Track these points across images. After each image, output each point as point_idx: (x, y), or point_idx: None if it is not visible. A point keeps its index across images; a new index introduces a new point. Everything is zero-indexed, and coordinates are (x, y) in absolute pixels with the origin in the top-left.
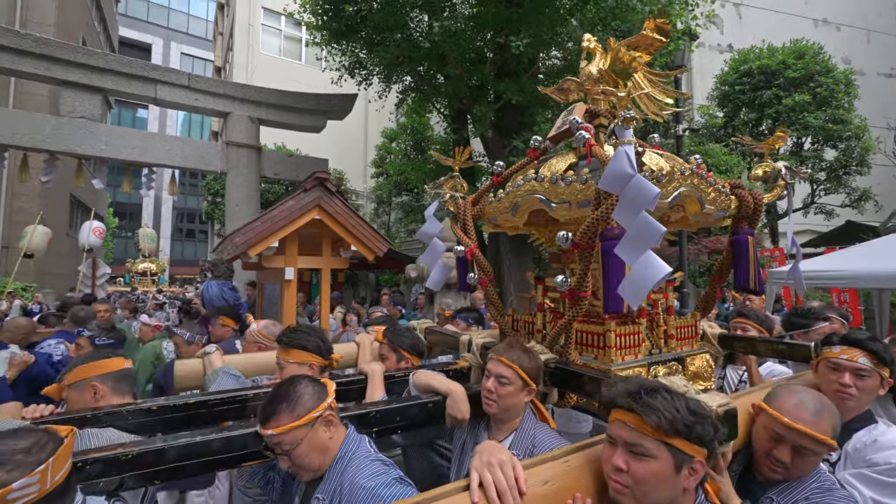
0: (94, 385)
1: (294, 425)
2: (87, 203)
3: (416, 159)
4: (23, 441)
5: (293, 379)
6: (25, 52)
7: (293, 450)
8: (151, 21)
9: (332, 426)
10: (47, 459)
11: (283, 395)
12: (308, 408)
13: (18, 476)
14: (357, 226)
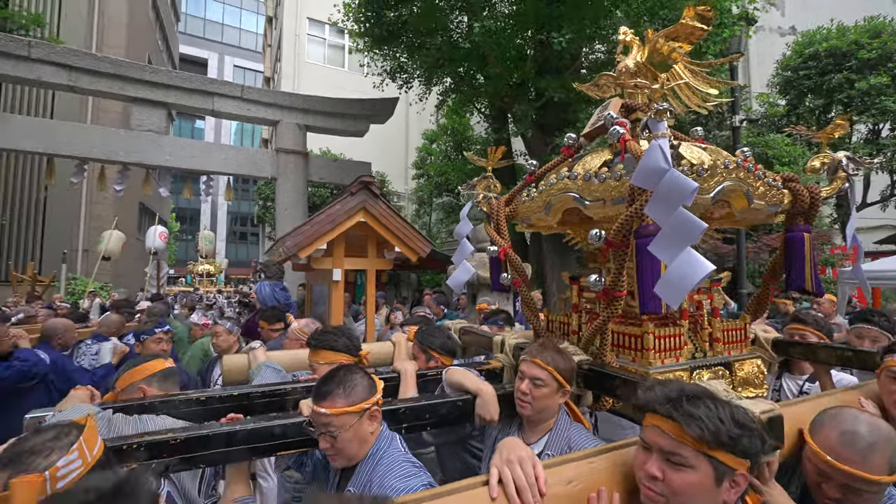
0: (142, 388)
1: (347, 410)
2: (153, 209)
3: (457, 160)
4: (48, 434)
5: (350, 367)
6: (101, 73)
7: (339, 434)
8: (207, 37)
9: (375, 421)
10: (77, 439)
11: (340, 380)
12: (361, 398)
13: (57, 458)
14: (400, 227)
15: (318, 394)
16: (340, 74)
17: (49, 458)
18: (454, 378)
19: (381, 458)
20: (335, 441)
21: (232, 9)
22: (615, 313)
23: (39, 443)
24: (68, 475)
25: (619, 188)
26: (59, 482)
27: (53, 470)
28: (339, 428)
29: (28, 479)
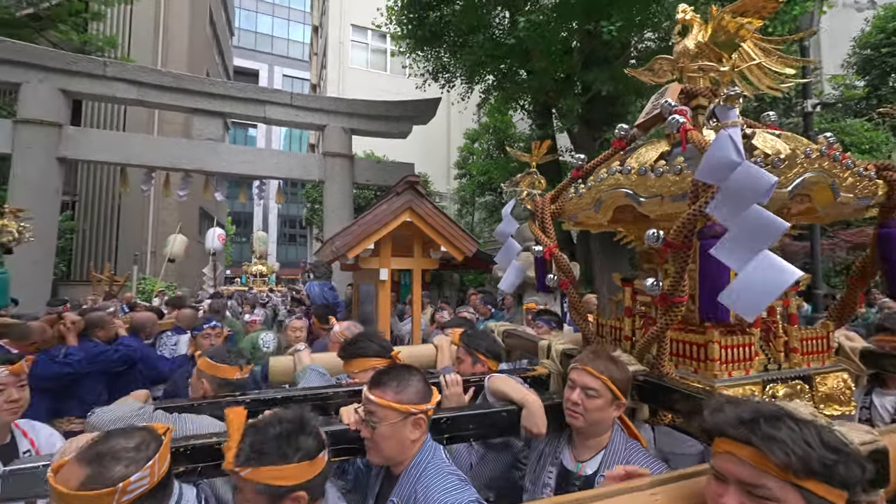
0: (204, 381)
1: (392, 405)
2: (211, 213)
3: (499, 158)
4: (132, 440)
5: (411, 369)
6: (166, 87)
7: (377, 425)
8: (258, 49)
9: (418, 430)
10: (154, 456)
11: (397, 376)
12: (410, 400)
13: (134, 471)
14: (446, 227)
15: (374, 381)
16: (383, 78)
17: (128, 468)
18: (497, 386)
19: (426, 469)
20: (373, 432)
21: (280, 21)
22: (674, 320)
23: (121, 449)
24: (135, 490)
25: (678, 183)
26: (125, 496)
27: (126, 483)
28: (381, 420)
29: (100, 493)
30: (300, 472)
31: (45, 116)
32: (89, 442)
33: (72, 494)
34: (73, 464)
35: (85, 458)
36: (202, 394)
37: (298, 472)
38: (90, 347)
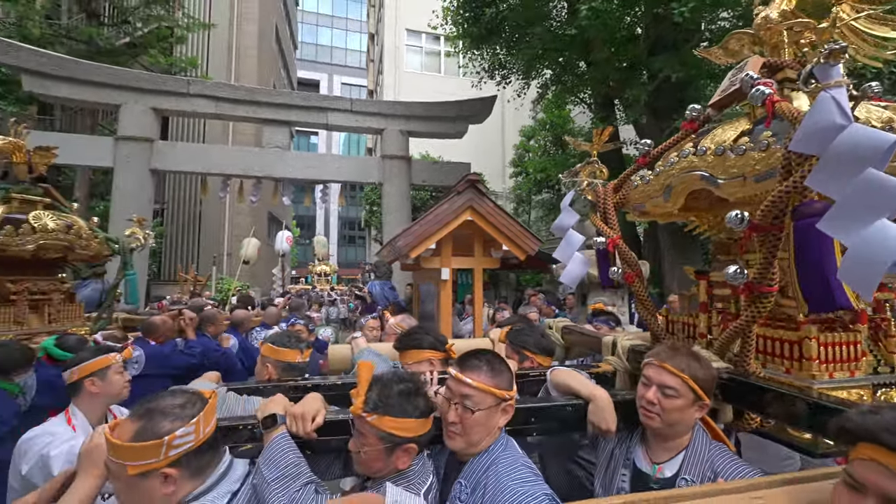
0: (268, 365)
1: (491, 389)
2: (278, 217)
3: (557, 155)
4: (178, 399)
5: (497, 354)
6: (239, 100)
7: (472, 411)
8: (318, 60)
9: (506, 417)
10: (198, 414)
11: (489, 360)
12: (503, 386)
13: (179, 426)
14: (508, 225)
15: (465, 364)
16: (437, 80)
17: (173, 423)
18: (561, 379)
19: (499, 458)
20: (467, 417)
21: (339, 31)
22: (762, 312)
23: (170, 405)
24: (181, 446)
25: (765, 160)
26: (171, 450)
27: (171, 437)
28: (477, 404)
29: (147, 445)
30: (416, 426)
31: (140, 133)
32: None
33: (124, 446)
34: (127, 420)
35: (136, 414)
36: (266, 378)
37: (414, 427)
38: (206, 342)
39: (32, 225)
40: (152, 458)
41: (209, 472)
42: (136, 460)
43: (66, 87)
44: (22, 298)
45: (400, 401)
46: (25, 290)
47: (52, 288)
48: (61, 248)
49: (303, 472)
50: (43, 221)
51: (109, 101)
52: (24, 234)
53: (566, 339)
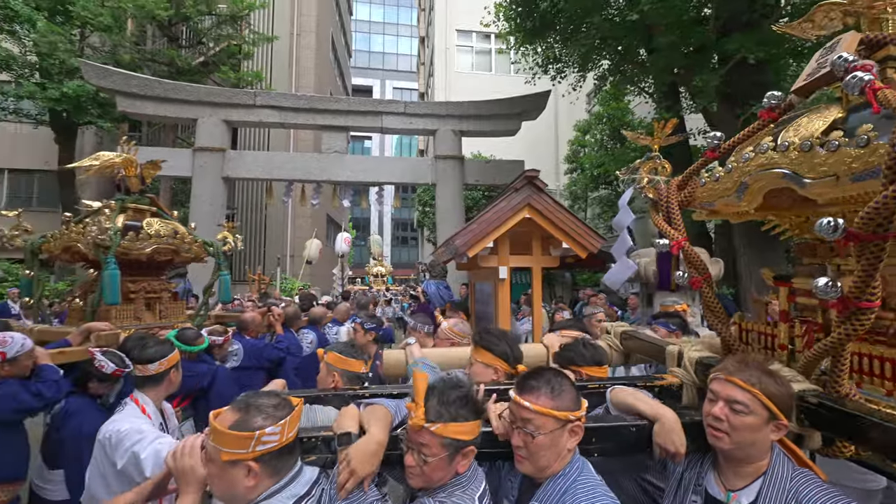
0: (335, 374)
1: (551, 412)
2: (336, 220)
3: (615, 149)
4: (273, 400)
5: (559, 372)
6: (300, 108)
7: (535, 435)
8: (371, 67)
9: (575, 438)
10: (286, 418)
11: (549, 380)
12: (567, 407)
13: (270, 424)
14: (568, 222)
15: (524, 386)
16: (488, 78)
17: (265, 420)
18: (623, 398)
19: (575, 482)
20: (529, 441)
21: (390, 37)
22: (859, 330)
23: (264, 404)
24: (267, 443)
25: (863, 158)
26: (259, 445)
27: (262, 433)
28: (538, 428)
29: (241, 435)
30: (475, 428)
31: (213, 144)
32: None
33: (224, 432)
34: (230, 410)
35: (237, 407)
36: (331, 385)
37: (474, 429)
38: (291, 337)
39: (147, 231)
40: (242, 448)
41: (284, 474)
42: (229, 447)
43: (151, 105)
44: (140, 297)
45: (459, 406)
46: (142, 290)
47: (162, 287)
48: (170, 251)
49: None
50: (155, 228)
51: (188, 115)
52: (143, 240)
53: (626, 346)
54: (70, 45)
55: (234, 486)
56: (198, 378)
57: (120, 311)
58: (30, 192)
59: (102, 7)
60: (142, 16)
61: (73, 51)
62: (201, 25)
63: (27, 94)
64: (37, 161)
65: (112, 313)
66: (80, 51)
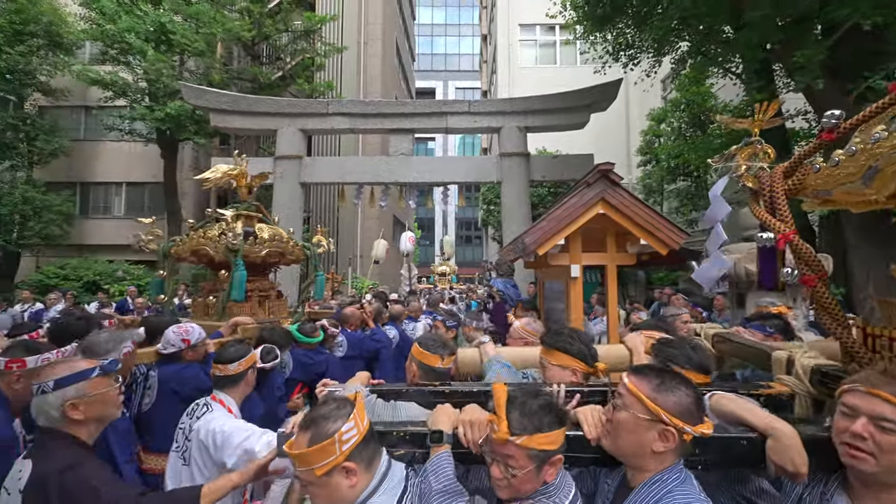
0: (413, 365)
1: (641, 397)
2: (402, 220)
3: (695, 137)
4: (332, 404)
5: (678, 374)
6: (368, 114)
7: (620, 412)
8: (434, 69)
9: (665, 444)
10: (352, 411)
11: (662, 376)
12: (666, 406)
13: (342, 423)
14: (647, 217)
15: (638, 370)
16: (552, 71)
17: (336, 423)
18: (726, 407)
19: (673, 492)
20: (615, 427)
21: (452, 38)
22: None
23: (327, 411)
24: (350, 439)
25: None
26: (344, 445)
27: (340, 433)
28: (625, 406)
29: (324, 445)
30: (560, 437)
31: (292, 152)
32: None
33: (305, 452)
34: (298, 434)
35: (304, 426)
36: (412, 376)
37: (558, 438)
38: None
39: (262, 236)
40: (331, 455)
41: (376, 465)
42: (319, 462)
43: (239, 119)
44: (254, 295)
45: (542, 415)
46: (256, 289)
47: (270, 286)
48: (277, 254)
49: (462, 490)
50: (265, 233)
51: (269, 126)
52: (259, 244)
53: (718, 349)
54: (172, 70)
55: (339, 490)
56: (317, 366)
57: (240, 308)
58: (141, 201)
59: (197, 34)
60: (229, 38)
61: (174, 75)
62: (279, 42)
63: (139, 116)
64: (147, 174)
65: (234, 310)
66: (180, 74)
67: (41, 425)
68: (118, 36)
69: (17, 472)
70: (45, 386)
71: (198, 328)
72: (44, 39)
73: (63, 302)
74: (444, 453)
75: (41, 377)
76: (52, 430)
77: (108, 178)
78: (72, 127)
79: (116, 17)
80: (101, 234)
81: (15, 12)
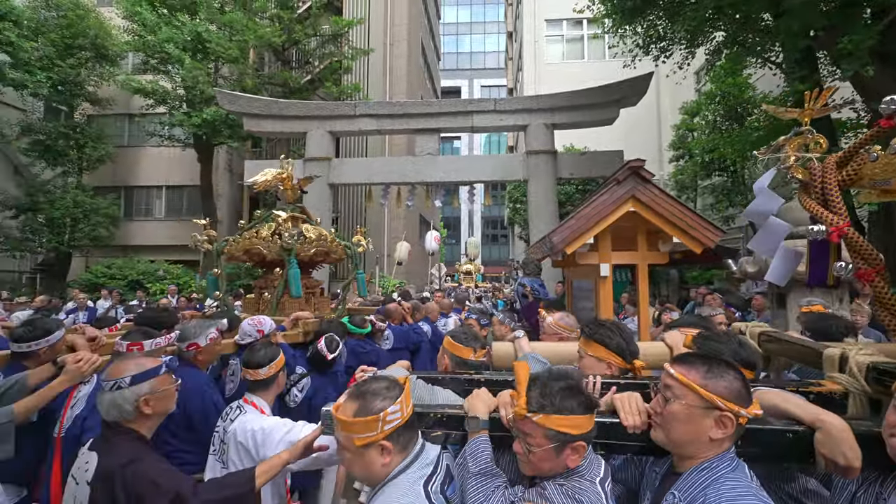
0: (445, 357)
1: (695, 388)
2: (428, 219)
3: (731, 130)
4: (384, 383)
5: (727, 361)
6: (395, 115)
7: (672, 404)
8: (459, 68)
9: (724, 430)
10: (401, 395)
11: (709, 361)
12: (718, 391)
13: (389, 404)
14: (680, 214)
15: (680, 359)
16: (579, 67)
17: (383, 402)
18: (773, 401)
19: (723, 478)
20: (665, 413)
21: (477, 37)
22: None
23: (377, 388)
24: (393, 421)
25: None
26: (386, 425)
27: (385, 413)
28: (677, 397)
29: (368, 420)
30: (582, 423)
31: (321, 153)
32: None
33: (350, 421)
34: (347, 401)
35: (354, 396)
36: (444, 368)
37: (581, 423)
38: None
39: (310, 236)
40: (372, 431)
41: (412, 447)
42: (360, 433)
43: (270, 123)
44: (304, 292)
45: (563, 398)
46: (304, 286)
47: (315, 284)
48: (323, 252)
49: (498, 472)
50: (311, 233)
51: (300, 129)
52: (308, 243)
53: (766, 348)
54: (207, 77)
55: (372, 465)
56: (368, 355)
57: (292, 304)
58: (180, 203)
59: (231, 41)
60: (261, 45)
61: (210, 82)
62: (308, 47)
63: (178, 123)
64: (185, 178)
65: (287, 306)
66: (214, 81)
67: (108, 420)
68: (158, 46)
69: (84, 463)
70: (122, 382)
71: (269, 321)
72: (91, 52)
73: (110, 300)
74: (481, 437)
75: (112, 374)
76: (116, 425)
77: (150, 181)
78: (116, 134)
79: (157, 29)
80: (142, 235)
81: (66, 27)
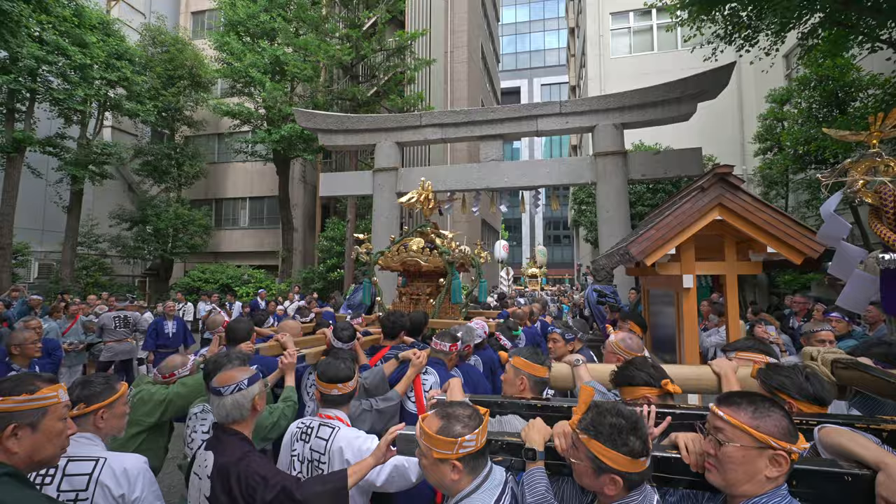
0: (523, 378)
1: (747, 429)
2: (491, 224)
3: (830, 118)
4: (468, 411)
5: (771, 400)
6: (459, 123)
7: (723, 446)
8: (518, 67)
9: (777, 468)
10: (479, 426)
11: (754, 402)
12: (769, 431)
13: (468, 432)
14: (775, 223)
15: (726, 399)
16: (648, 60)
17: (463, 428)
18: (835, 440)
19: None
20: (718, 450)
21: (536, 35)
22: None
23: (461, 414)
24: (467, 447)
25: None
26: (461, 449)
27: (462, 439)
28: (729, 439)
29: (447, 440)
30: (621, 461)
31: (389, 164)
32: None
33: (433, 435)
34: (434, 416)
35: (440, 414)
36: (520, 389)
37: (619, 461)
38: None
39: (457, 250)
40: (448, 450)
41: (479, 472)
42: (437, 448)
43: (342, 137)
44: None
45: (610, 431)
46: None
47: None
48: (461, 263)
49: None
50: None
51: (369, 142)
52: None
53: (841, 377)
54: (284, 97)
55: (443, 477)
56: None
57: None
58: (262, 213)
59: (305, 62)
60: (332, 63)
61: (286, 101)
62: (374, 61)
63: (260, 140)
64: (265, 190)
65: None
66: (290, 100)
67: (222, 422)
68: (243, 71)
69: (203, 462)
70: (241, 384)
71: None
72: (188, 81)
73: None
74: (537, 469)
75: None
76: (224, 427)
77: (236, 193)
78: (208, 152)
79: (242, 56)
80: (229, 243)
81: (168, 61)
